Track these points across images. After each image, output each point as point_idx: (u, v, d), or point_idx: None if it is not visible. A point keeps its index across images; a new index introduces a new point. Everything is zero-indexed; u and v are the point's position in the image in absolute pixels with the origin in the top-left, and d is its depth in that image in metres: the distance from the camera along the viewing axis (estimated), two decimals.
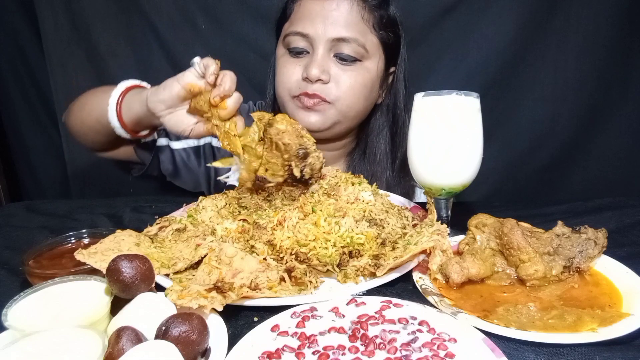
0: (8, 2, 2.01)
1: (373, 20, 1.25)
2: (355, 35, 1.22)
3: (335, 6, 1.21)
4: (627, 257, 0.86)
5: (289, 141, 0.94)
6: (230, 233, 0.92)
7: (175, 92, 1.02)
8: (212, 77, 0.98)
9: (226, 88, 0.98)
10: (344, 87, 1.24)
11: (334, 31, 1.21)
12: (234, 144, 0.99)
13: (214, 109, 1.01)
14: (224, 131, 1.01)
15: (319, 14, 1.22)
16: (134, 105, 1.13)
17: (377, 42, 1.28)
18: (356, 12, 1.22)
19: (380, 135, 1.38)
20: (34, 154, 2.24)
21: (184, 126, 1.06)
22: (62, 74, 1.97)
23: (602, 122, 1.97)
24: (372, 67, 1.28)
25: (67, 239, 0.92)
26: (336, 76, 1.23)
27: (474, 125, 0.95)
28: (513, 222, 0.85)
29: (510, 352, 0.63)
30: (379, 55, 1.29)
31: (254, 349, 0.64)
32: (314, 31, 1.22)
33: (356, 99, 1.27)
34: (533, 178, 2.06)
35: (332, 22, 1.21)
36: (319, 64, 1.21)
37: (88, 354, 0.56)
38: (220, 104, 0.99)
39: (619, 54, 1.88)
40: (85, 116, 1.25)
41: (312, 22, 1.22)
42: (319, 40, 1.22)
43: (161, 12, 1.92)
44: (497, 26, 1.88)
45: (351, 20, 1.22)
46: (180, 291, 0.72)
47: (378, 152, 1.38)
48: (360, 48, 1.23)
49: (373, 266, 0.83)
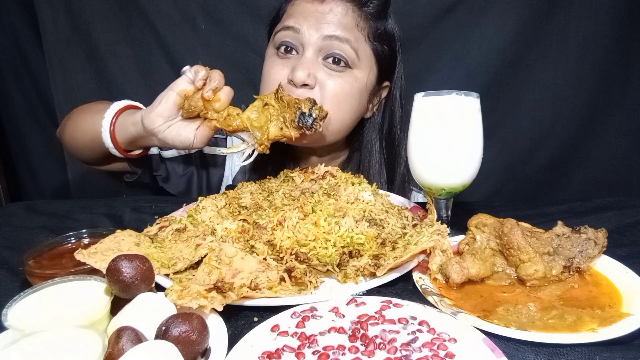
0: (8, 2, 2.01)
1: (368, 30, 1.20)
2: (349, 38, 1.16)
3: (329, 9, 1.16)
4: (627, 257, 0.86)
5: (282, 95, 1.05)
6: (230, 233, 0.92)
7: (171, 100, 1.05)
8: (200, 81, 1.03)
9: (216, 82, 1.02)
10: (329, 93, 1.16)
11: (326, 29, 1.15)
12: (239, 122, 1.05)
13: (209, 104, 1.04)
14: (224, 119, 1.05)
15: (312, 14, 1.16)
16: (128, 127, 1.13)
17: (370, 52, 1.22)
18: (351, 18, 1.18)
19: (374, 152, 1.33)
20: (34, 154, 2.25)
21: (186, 134, 1.08)
22: (62, 74, 1.97)
23: (602, 122, 1.97)
24: (362, 77, 1.21)
25: (67, 239, 0.92)
26: (322, 81, 1.16)
27: (474, 126, 0.95)
28: (513, 222, 0.85)
29: (510, 352, 0.63)
30: (371, 67, 1.23)
31: (254, 349, 0.64)
32: (305, 27, 1.16)
33: (340, 108, 1.19)
34: (533, 178, 2.06)
35: (324, 23, 1.16)
36: (306, 66, 1.14)
37: (88, 354, 0.56)
38: (213, 97, 1.03)
39: (619, 53, 1.88)
40: (79, 135, 1.26)
41: (305, 18, 1.16)
42: (310, 39, 1.16)
43: (161, 12, 1.92)
44: (497, 26, 1.88)
45: (346, 23, 1.17)
46: (180, 291, 0.72)
47: (371, 169, 1.33)
48: (352, 51, 1.17)
49: (373, 266, 0.83)
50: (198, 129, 1.09)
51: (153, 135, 1.08)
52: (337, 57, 1.17)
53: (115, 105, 1.18)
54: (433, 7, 1.88)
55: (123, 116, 1.15)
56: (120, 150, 1.18)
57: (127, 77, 2.00)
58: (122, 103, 1.19)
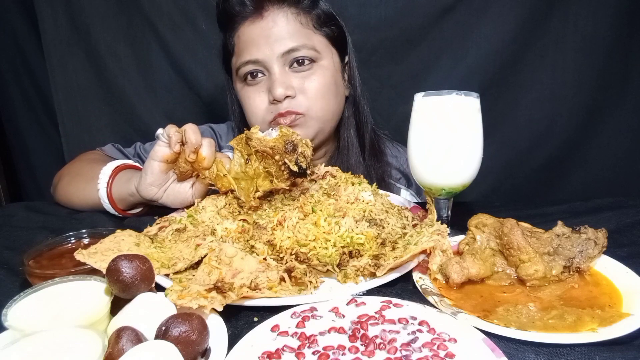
0: (8, 2, 2.01)
1: (311, 22, 1.27)
2: (302, 41, 1.24)
3: (272, 23, 1.23)
4: (627, 257, 0.86)
5: (273, 143, 0.96)
6: (230, 233, 0.92)
7: (156, 170, 1.07)
8: (177, 146, 1.04)
9: (192, 142, 1.03)
10: (311, 94, 1.26)
11: (281, 46, 1.23)
12: (227, 182, 1.04)
13: (196, 164, 1.06)
14: (215, 176, 1.06)
15: (260, 37, 1.23)
16: (125, 197, 1.16)
17: (324, 39, 1.30)
18: (293, 20, 1.24)
19: (350, 128, 1.40)
20: (34, 154, 2.24)
21: (184, 195, 1.12)
22: (62, 74, 1.97)
23: (601, 122, 1.97)
24: (328, 64, 1.30)
25: (67, 239, 0.92)
26: (299, 87, 1.25)
27: (474, 125, 0.95)
28: (513, 222, 0.85)
29: (510, 352, 0.63)
30: (331, 51, 1.32)
31: (254, 349, 0.64)
32: (262, 54, 1.23)
33: (326, 100, 1.29)
34: (531, 177, 2.07)
35: (275, 40, 1.23)
36: (281, 82, 1.22)
37: (88, 354, 0.56)
38: (196, 158, 1.05)
39: (618, 53, 1.88)
40: (75, 201, 1.27)
41: (258, 46, 1.24)
42: (271, 60, 1.23)
43: (161, 12, 1.92)
44: (496, 26, 1.89)
45: (291, 29, 1.24)
46: (180, 291, 0.72)
47: (350, 144, 1.39)
48: (311, 51, 1.25)
49: (373, 266, 0.83)
50: (194, 186, 1.13)
51: (153, 202, 1.13)
52: (300, 59, 1.25)
53: (104, 173, 1.17)
54: (433, 7, 1.88)
55: (117, 184, 1.16)
56: (125, 214, 1.20)
57: (127, 77, 1.99)
58: (108, 170, 1.17)
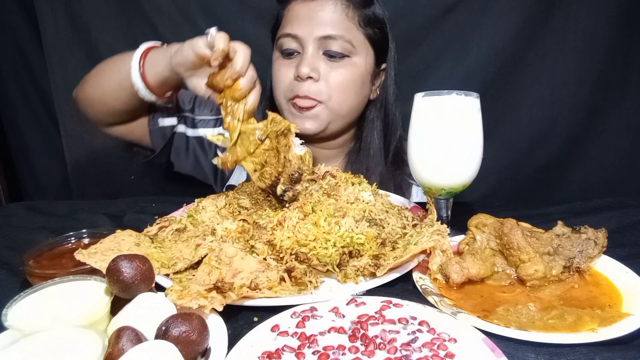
0: (8, 2, 2.01)
1: (358, 18, 1.30)
2: (341, 32, 1.27)
3: (320, 7, 1.27)
4: (627, 257, 0.86)
5: (292, 159, 0.97)
6: (230, 233, 0.92)
7: (190, 58, 1.05)
8: (216, 61, 0.98)
9: (237, 69, 0.98)
10: (333, 84, 1.28)
11: (320, 30, 1.26)
12: (233, 127, 1.00)
13: (228, 90, 1.01)
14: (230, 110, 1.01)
15: (305, 16, 1.28)
16: (158, 65, 1.14)
17: (364, 38, 1.32)
18: (340, 11, 1.28)
19: (375, 131, 1.42)
20: (34, 154, 2.24)
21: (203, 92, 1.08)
22: (62, 74, 1.97)
23: (601, 122, 1.97)
24: (361, 62, 1.32)
25: (67, 239, 0.92)
26: (325, 74, 1.28)
27: (474, 125, 0.95)
28: (513, 222, 0.85)
29: (510, 352, 0.63)
30: (367, 51, 1.33)
31: (254, 349, 0.64)
32: (302, 32, 1.27)
33: (346, 95, 1.31)
34: (532, 177, 2.06)
35: (318, 23, 1.27)
36: (309, 62, 1.26)
37: (88, 354, 0.56)
38: (232, 85, 0.99)
39: (618, 53, 1.88)
40: (105, 83, 1.24)
41: (300, 23, 1.28)
42: (308, 40, 1.27)
43: (161, 12, 1.92)
44: (496, 26, 1.88)
45: (336, 18, 1.27)
46: (180, 291, 0.72)
47: (372, 146, 1.42)
48: (347, 44, 1.28)
49: (373, 266, 0.83)
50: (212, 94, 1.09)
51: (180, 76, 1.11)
52: (334, 53, 1.28)
53: (142, 46, 1.19)
54: (433, 7, 1.88)
55: (151, 54, 1.16)
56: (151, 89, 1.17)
57: None
58: (148, 43, 1.20)
